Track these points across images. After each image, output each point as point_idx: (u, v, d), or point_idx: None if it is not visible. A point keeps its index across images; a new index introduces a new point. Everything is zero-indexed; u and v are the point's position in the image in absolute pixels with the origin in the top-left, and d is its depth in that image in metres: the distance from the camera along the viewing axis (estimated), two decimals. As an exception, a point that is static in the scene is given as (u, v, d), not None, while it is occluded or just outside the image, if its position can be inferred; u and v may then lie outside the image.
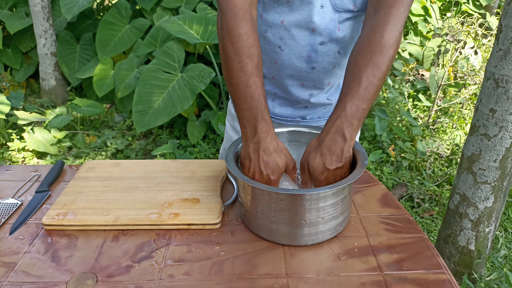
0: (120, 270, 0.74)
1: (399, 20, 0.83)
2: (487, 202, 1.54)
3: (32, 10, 3.21)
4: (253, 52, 0.82)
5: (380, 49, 0.81)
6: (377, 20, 0.83)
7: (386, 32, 0.81)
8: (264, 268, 0.75)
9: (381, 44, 0.81)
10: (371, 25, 0.84)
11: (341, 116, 0.81)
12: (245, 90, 0.82)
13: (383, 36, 0.81)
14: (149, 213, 0.86)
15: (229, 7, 0.82)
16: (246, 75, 0.81)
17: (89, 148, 2.89)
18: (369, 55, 0.82)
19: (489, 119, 1.43)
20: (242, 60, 0.81)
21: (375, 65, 0.81)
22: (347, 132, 0.80)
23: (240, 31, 0.81)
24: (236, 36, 0.81)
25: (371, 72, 0.81)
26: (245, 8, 0.83)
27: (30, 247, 0.80)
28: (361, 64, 0.82)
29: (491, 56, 1.42)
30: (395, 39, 0.82)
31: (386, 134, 2.70)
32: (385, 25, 0.82)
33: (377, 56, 0.81)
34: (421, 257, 0.77)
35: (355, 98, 0.80)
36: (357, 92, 0.81)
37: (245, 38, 0.81)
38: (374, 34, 0.82)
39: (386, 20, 0.82)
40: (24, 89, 3.60)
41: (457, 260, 1.68)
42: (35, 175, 1.04)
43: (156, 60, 2.71)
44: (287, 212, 0.77)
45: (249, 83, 0.82)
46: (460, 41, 2.76)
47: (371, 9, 0.87)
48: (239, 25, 0.81)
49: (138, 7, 3.55)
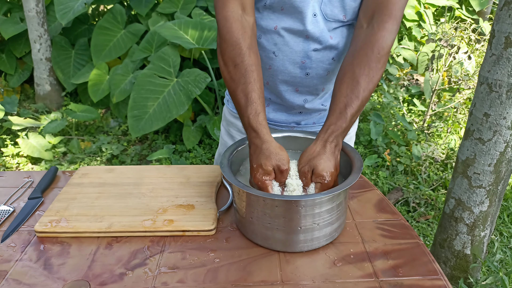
0: (114, 278, 0.73)
1: (393, 37, 0.88)
2: (482, 206, 1.54)
3: (27, 15, 3.20)
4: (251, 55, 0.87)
5: (376, 64, 0.86)
6: (373, 34, 0.87)
7: (383, 48, 0.86)
8: (259, 275, 0.74)
9: (377, 58, 0.86)
10: (366, 38, 0.88)
11: (330, 127, 0.85)
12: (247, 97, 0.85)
13: (380, 52, 0.86)
14: (143, 219, 0.85)
15: (220, 19, 0.88)
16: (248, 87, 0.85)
17: (84, 153, 2.87)
18: (367, 69, 0.86)
19: (483, 124, 1.44)
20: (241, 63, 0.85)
21: (371, 79, 0.86)
22: (335, 141, 0.84)
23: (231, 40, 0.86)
24: (233, 45, 0.86)
25: (366, 86, 0.85)
26: (236, 18, 0.88)
27: (22, 254, 0.79)
28: (359, 77, 0.86)
29: (484, 61, 1.43)
30: (388, 52, 0.88)
31: (382, 139, 2.71)
32: (381, 41, 0.86)
33: (373, 71, 0.86)
34: (417, 263, 0.77)
35: (349, 108, 0.85)
36: (356, 105, 0.85)
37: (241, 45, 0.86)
38: (372, 49, 0.86)
39: (383, 36, 0.87)
40: (18, 94, 3.58)
41: (453, 265, 1.67)
42: (28, 181, 1.03)
43: (151, 65, 2.70)
44: (282, 219, 0.76)
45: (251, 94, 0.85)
46: (453, 46, 2.78)
47: (363, 21, 0.90)
48: (232, 35, 0.86)
49: (133, 12, 3.55)
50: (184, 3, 3.20)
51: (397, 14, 0.87)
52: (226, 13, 0.87)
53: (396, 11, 0.87)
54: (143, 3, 3.24)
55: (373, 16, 0.88)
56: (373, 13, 0.88)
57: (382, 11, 0.87)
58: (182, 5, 3.20)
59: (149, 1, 3.24)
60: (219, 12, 0.89)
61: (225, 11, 0.87)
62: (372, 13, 0.88)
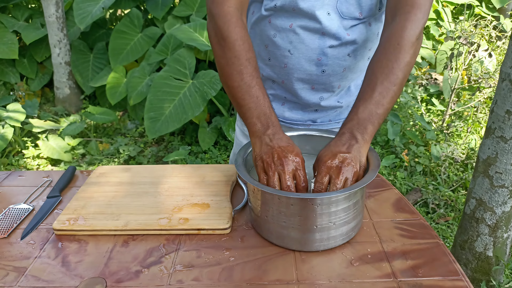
0: (129, 275, 0.73)
1: (417, 26, 0.83)
2: (504, 207, 1.50)
3: (47, 21, 3.28)
4: (250, 56, 0.86)
5: (396, 56, 0.82)
6: (394, 27, 0.84)
7: (402, 38, 0.82)
8: (275, 274, 0.73)
9: (396, 50, 0.82)
10: (388, 32, 0.85)
11: (353, 119, 0.81)
12: (248, 90, 0.84)
13: (399, 43, 0.82)
14: (159, 218, 0.86)
15: (222, 14, 0.85)
16: (248, 77, 0.85)
17: (102, 155, 2.92)
18: (384, 61, 0.82)
19: (505, 121, 1.40)
20: (242, 63, 0.84)
21: (391, 71, 0.81)
22: (358, 134, 0.79)
23: (235, 36, 0.85)
24: (233, 42, 0.85)
25: (386, 78, 0.81)
26: (236, 15, 0.86)
27: (41, 252, 0.80)
28: (376, 70, 0.82)
29: (506, 57, 1.39)
30: (411, 44, 0.82)
31: (399, 139, 2.67)
32: (401, 32, 0.82)
33: (392, 62, 0.81)
34: (437, 263, 0.75)
35: (368, 103, 0.81)
36: (370, 97, 0.81)
37: (241, 43, 0.85)
38: (390, 41, 0.83)
39: (403, 26, 0.83)
40: (39, 98, 3.67)
41: (474, 267, 1.63)
42: (47, 180, 1.05)
43: (167, 67, 2.73)
44: (298, 217, 0.75)
45: (251, 83, 0.84)
46: (473, 44, 2.71)
47: (389, 16, 0.88)
48: (233, 31, 0.85)
49: (150, 16, 3.60)
50: (199, 5, 3.23)
51: (421, 3, 0.83)
52: (227, 8, 0.85)
53: (420, 0, 0.83)
54: (159, 7, 3.28)
55: (396, 9, 0.85)
56: (396, 6, 0.85)
57: (406, 2, 0.83)
58: (197, 7, 3.23)
59: (165, 4, 3.28)
60: (217, 7, 0.85)
61: (226, 7, 0.85)
62: (395, 7, 0.86)
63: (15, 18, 3.63)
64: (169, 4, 3.28)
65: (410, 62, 0.83)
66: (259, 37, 1.00)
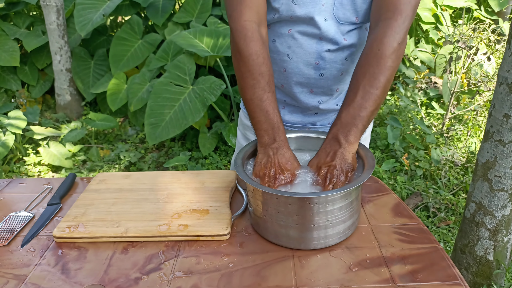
0: (129, 282, 0.74)
1: (398, 31, 0.84)
2: (504, 210, 1.50)
3: (48, 28, 3.30)
4: (263, 70, 0.88)
5: (377, 60, 0.84)
6: (375, 34, 0.86)
7: (383, 44, 0.84)
8: (274, 280, 0.74)
9: (377, 55, 0.84)
10: (370, 39, 0.87)
11: (337, 124, 0.86)
12: (259, 104, 0.88)
13: (379, 48, 0.84)
14: (158, 224, 0.86)
15: (238, 29, 0.88)
16: (260, 91, 0.88)
17: (103, 161, 2.93)
18: (366, 67, 0.85)
19: (504, 125, 1.40)
20: (254, 77, 0.88)
21: (372, 75, 0.84)
22: (342, 137, 0.84)
23: (250, 51, 0.87)
24: (247, 56, 0.87)
25: (368, 82, 0.84)
26: (253, 28, 0.88)
27: (41, 259, 0.80)
28: (358, 76, 0.85)
29: (503, 61, 1.40)
30: (393, 49, 0.84)
31: (399, 143, 2.67)
32: (382, 38, 0.84)
33: (373, 67, 0.84)
34: (435, 268, 0.75)
35: (350, 107, 0.84)
36: (352, 101, 0.84)
37: (255, 57, 0.87)
38: (372, 48, 0.85)
39: (384, 32, 0.85)
40: (40, 104, 3.68)
41: (475, 271, 1.63)
42: (47, 188, 1.05)
43: (167, 73, 2.74)
44: (296, 216, 0.77)
45: (262, 98, 0.88)
46: (472, 48, 2.72)
47: (372, 22, 0.90)
48: (248, 46, 0.87)
49: (150, 22, 3.62)
50: (199, 12, 3.25)
51: (402, 8, 0.84)
52: (243, 22, 0.87)
53: (401, 6, 0.84)
54: (159, 13, 3.30)
55: (379, 16, 0.87)
56: (378, 12, 0.87)
57: (387, 8, 0.85)
58: (197, 14, 3.25)
59: (165, 11, 3.30)
60: (235, 21, 0.88)
61: (242, 20, 0.87)
62: (377, 13, 0.87)
63: (16, 26, 3.66)
64: (169, 11, 3.30)
65: (392, 67, 0.85)
66: None
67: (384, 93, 0.85)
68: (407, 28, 0.85)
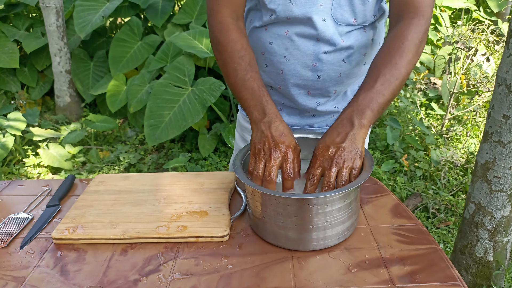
0: (128, 284, 0.74)
1: (421, 30, 0.87)
2: (503, 211, 1.50)
3: (48, 30, 3.30)
4: (243, 54, 0.91)
5: (400, 53, 0.85)
6: (398, 29, 0.87)
7: (406, 39, 0.85)
8: (273, 281, 0.74)
9: (401, 48, 0.85)
10: (393, 34, 0.88)
11: (353, 106, 0.83)
12: (243, 83, 0.89)
13: (403, 42, 0.85)
14: (157, 226, 0.86)
15: (215, 24, 0.94)
16: (242, 72, 0.90)
17: (102, 163, 2.93)
18: (388, 57, 0.85)
19: (502, 126, 1.40)
20: (235, 61, 0.90)
21: (394, 66, 0.84)
22: (356, 119, 0.81)
23: (228, 39, 0.91)
24: (225, 44, 0.91)
25: (389, 71, 0.84)
26: (230, 22, 0.93)
27: (40, 261, 0.80)
28: (380, 65, 0.85)
29: (501, 61, 1.40)
30: (415, 45, 0.86)
31: (399, 144, 2.67)
32: (406, 33, 0.86)
33: (396, 59, 0.84)
34: (434, 268, 0.75)
35: (369, 91, 0.83)
36: (372, 86, 0.83)
37: (233, 44, 0.91)
38: (395, 41, 0.86)
39: (408, 29, 0.86)
40: (39, 106, 3.68)
41: (475, 272, 1.62)
42: (46, 189, 1.05)
43: (167, 75, 2.75)
44: (294, 217, 0.77)
45: (245, 77, 0.89)
46: (471, 49, 2.73)
47: (393, 21, 0.91)
48: (226, 35, 0.92)
49: (149, 24, 3.63)
50: (198, 13, 3.26)
51: (424, 10, 0.87)
52: (220, 18, 0.93)
53: (423, 7, 0.87)
54: (159, 15, 3.31)
55: (400, 16, 0.89)
56: (399, 14, 0.89)
57: (409, 10, 0.88)
58: (196, 15, 3.25)
59: (164, 12, 3.30)
60: (213, 18, 0.94)
61: (219, 17, 0.93)
62: (398, 14, 0.89)
63: (16, 28, 3.66)
64: (168, 12, 3.30)
65: (412, 61, 0.86)
66: (256, 44, 1.02)
67: (401, 85, 0.85)
68: (427, 29, 0.88)
